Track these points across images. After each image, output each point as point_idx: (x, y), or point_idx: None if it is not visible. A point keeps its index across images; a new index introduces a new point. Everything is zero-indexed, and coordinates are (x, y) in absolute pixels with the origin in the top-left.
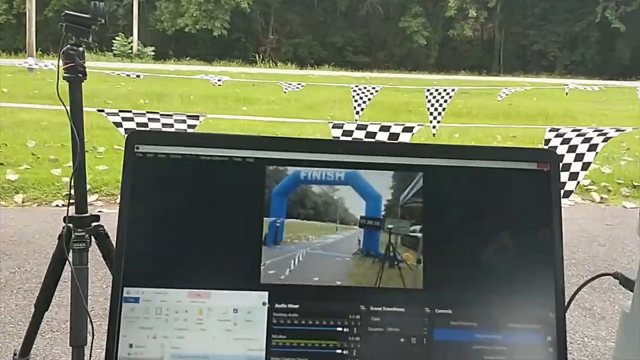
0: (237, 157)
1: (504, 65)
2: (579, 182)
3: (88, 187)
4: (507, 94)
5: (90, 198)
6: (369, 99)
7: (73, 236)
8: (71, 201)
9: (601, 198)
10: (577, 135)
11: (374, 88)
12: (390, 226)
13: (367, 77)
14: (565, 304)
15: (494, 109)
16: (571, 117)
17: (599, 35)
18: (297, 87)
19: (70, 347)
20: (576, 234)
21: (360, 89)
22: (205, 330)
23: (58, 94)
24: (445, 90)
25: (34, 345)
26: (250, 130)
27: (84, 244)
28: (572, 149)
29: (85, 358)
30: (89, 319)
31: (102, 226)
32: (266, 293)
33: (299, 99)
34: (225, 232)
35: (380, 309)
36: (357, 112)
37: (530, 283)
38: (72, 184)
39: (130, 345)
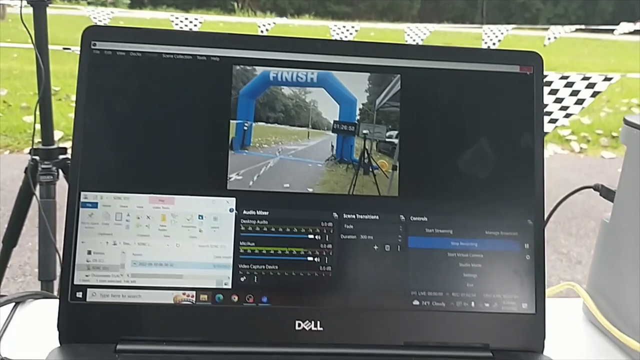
0: (201, 55)
1: (487, 17)
2: (556, 126)
3: (61, 134)
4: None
5: (66, 144)
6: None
7: (40, 169)
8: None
9: (580, 148)
10: (565, 86)
11: (353, 27)
12: (365, 131)
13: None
14: (545, 213)
15: None
16: (552, 69)
17: None
18: None
19: (40, 282)
20: (556, 183)
21: (339, 28)
22: (169, 237)
23: (21, 19)
24: (425, 26)
25: (4, 290)
26: None
27: (51, 177)
28: (553, 92)
29: (55, 292)
30: (57, 253)
31: (70, 158)
32: (233, 199)
33: None
34: (189, 135)
35: (353, 216)
36: None
37: (509, 190)
38: (38, 114)
39: (89, 252)
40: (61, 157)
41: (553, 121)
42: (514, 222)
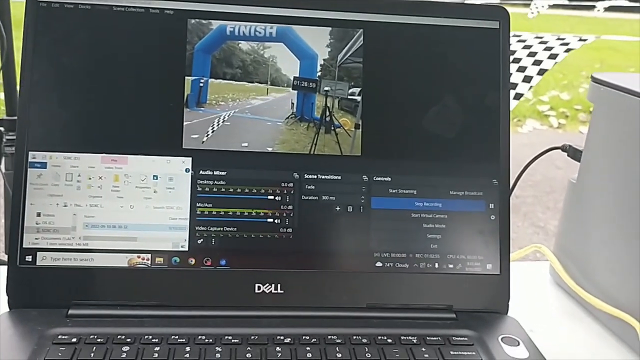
0: (154, 8)
1: None
2: (531, 87)
3: None
4: None
5: None
6: None
7: (4, 140)
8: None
9: (559, 124)
10: (539, 43)
11: None
12: (326, 88)
13: None
14: (512, 175)
15: None
16: None
17: None
18: None
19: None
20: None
21: None
22: (123, 198)
23: None
24: None
25: None
26: None
27: None
28: (532, 54)
29: None
30: None
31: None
32: (189, 159)
33: None
34: (142, 92)
35: (315, 176)
36: None
37: (474, 149)
38: (1, 83)
39: (38, 214)
40: None
41: (527, 79)
42: (479, 182)
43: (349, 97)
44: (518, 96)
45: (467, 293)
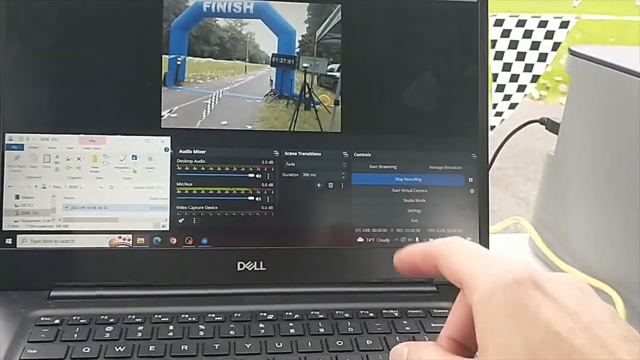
0: None
1: None
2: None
3: None
4: None
5: None
6: None
7: None
8: None
9: (540, 95)
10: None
11: None
12: (305, 65)
13: None
14: (491, 150)
15: None
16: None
17: None
18: None
19: None
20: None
21: None
22: (102, 178)
23: None
24: None
25: None
26: None
27: None
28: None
29: None
30: None
31: None
32: (168, 138)
33: None
34: (119, 71)
35: (295, 153)
36: None
37: (453, 124)
38: None
39: (17, 197)
40: None
41: (521, 88)
42: (458, 156)
43: (328, 73)
44: (513, 106)
45: None
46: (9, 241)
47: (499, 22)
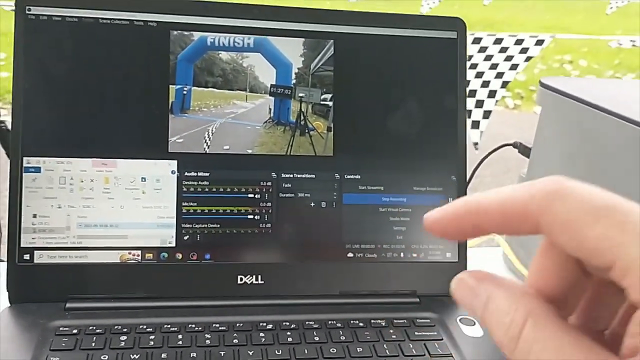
0: (138, 20)
1: None
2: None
3: None
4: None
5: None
6: None
7: None
8: None
9: (514, 104)
10: (499, 51)
11: None
12: (301, 94)
13: None
14: (468, 171)
15: None
16: (490, 24)
17: None
18: None
19: None
20: (491, 137)
21: None
22: (113, 199)
23: None
24: None
25: None
26: None
27: None
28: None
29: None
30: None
31: (4, 122)
32: (175, 162)
33: None
34: (129, 100)
35: (291, 175)
36: None
37: (434, 149)
38: None
39: (35, 216)
40: None
41: (492, 94)
42: (439, 178)
43: (322, 102)
44: (486, 114)
45: (429, 279)
46: (27, 257)
47: (476, 40)
